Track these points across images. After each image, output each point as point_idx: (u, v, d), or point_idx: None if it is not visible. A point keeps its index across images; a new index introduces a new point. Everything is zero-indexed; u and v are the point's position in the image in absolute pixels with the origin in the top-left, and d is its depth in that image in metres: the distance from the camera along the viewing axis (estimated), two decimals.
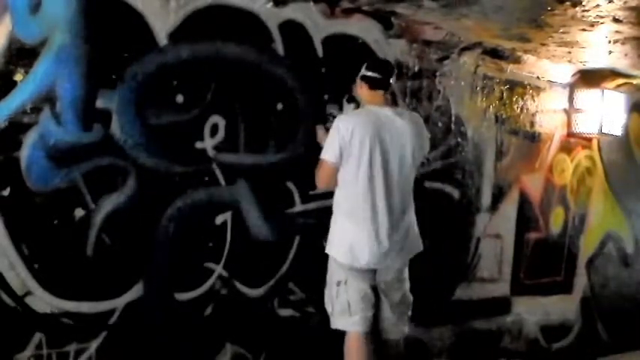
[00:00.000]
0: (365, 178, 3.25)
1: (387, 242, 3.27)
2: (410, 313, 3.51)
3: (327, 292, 3.40)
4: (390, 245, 3.28)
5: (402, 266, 3.41)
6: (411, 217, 3.41)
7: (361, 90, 3.43)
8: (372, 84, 3.36)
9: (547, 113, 5.07)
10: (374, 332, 3.38)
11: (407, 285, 3.46)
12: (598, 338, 5.68)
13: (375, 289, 3.36)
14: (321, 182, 3.41)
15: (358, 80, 3.42)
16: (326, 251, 3.38)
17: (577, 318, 5.52)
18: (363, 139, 3.23)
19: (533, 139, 5.02)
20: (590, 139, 5.45)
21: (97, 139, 3.00)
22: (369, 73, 3.36)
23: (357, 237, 3.26)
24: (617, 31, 3.99)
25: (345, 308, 3.29)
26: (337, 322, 3.35)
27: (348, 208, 3.31)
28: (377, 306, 3.37)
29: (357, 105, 3.70)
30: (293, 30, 3.62)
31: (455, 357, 4.52)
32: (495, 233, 4.82)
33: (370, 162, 3.24)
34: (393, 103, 3.68)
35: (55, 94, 2.87)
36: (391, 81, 3.41)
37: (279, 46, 3.57)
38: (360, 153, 3.23)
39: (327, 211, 3.79)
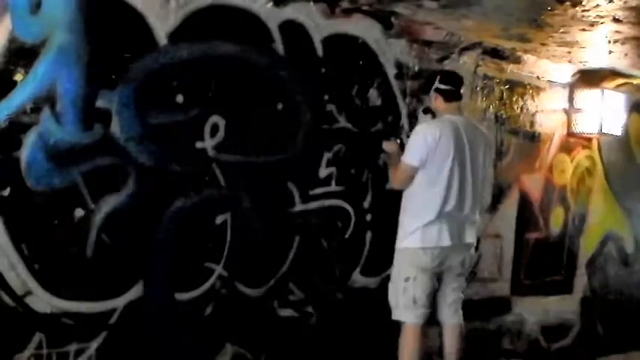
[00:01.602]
0: (444, 181, 3.51)
1: (456, 237, 3.56)
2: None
3: (391, 286, 3.63)
4: (458, 239, 3.57)
5: (468, 256, 3.70)
6: (477, 216, 3.73)
7: (437, 102, 3.72)
8: (447, 96, 3.67)
9: (547, 113, 5.08)
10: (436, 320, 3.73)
11: (467, 274, 3.82)
12: (598, 338, 5.67)
13: (439, 277, 3.64)
14: (399, 182, 3.65)
15: (433, 93, 3.71)
16: (398, 246, 3.60)
17: (577, 318, 5.52)
18: (447, 146, 3.51)
19: (533, 139, 5.02)
20: (590, 139, 5.45)
21: (97, 139, 3.00)
22: (443, 86, 3.68)
23: (432, 225, 3.51)
24: (617, 31, 3.99)
25: (411, 303, 3.53)
26: (401, 315, 3.59)
27: (423, 205, 3.54)
28: (442, 292, 3.68)
29: (434, 115, 3.81)
30: (293, 30, 3.62)
31: None
32: (495, 233, 4.82)
33: (451, 167, 3.52)
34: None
35: (55, 94, 2.86)
36: (462, 92, 3.73)
37: (279, 46, 3.57)
38: (443, 159, 3.51)
39: (327, 211, 3.81)
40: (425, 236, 3.51)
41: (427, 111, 3.92)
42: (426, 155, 3.51)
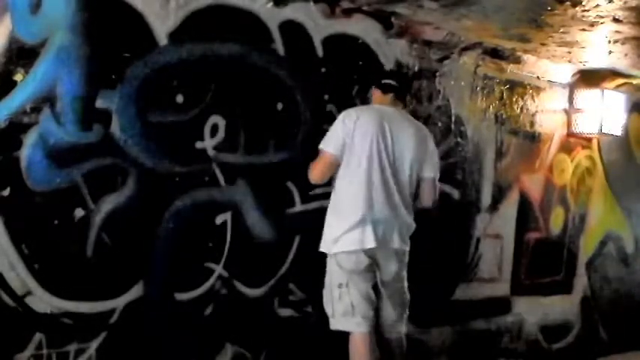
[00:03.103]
0: (364, 173, 3.28)
1: (381, 235, 3.30)
2: (407, 312, 3.52)
3: (326, 293, 3.40)
4: (386, 237, 3.32)
5: (401, 265, 3.43)
6: (409, 216, 3.43)
7: (374, 96, 3.59)
8: (385, 89, 3.52)
9: (547, 113, 5.07)
10: (376, 332, 3.41)
11: (405, 284, 3.48)
12: (598, 338, 5.67)
13: (375, 288, 3.37)
14: (316, 173, 3.41)
15: (372, 89, 3.61)
16: (321, 249, 3.39)
17: (577, 318, 5.52)
18: (366, 132, 3.28)
19: (533, 139, 5.02)
20: (590, 139, 5.45)
21: (97, 139, 3.00)
22: (384, 81, 3.56)
23: (356, 228, 3.27)
24: (617, 31, 3.99)
25: (349, 310, 3.30)
26: (339, 324, 3.36)
27: (346, 206, 3.32)
28: (377, 306, 3.39)
29: None
30: (293, 30, 3.62)
31: (455, 357, 4.52)
32: (495, 233, 4.82)
33: (370, 155, 3.28)
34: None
35: (55, 94, 2.87)
36: (405, 90, 3.63)
37: (279, 46, 3.57)
38: (362, 147, 3.28)
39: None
40: (349, 239, 3.27)
41: None
42: (343, 141, 3.28)
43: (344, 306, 3.31)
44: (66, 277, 2.96)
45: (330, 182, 3.47)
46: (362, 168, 3.29)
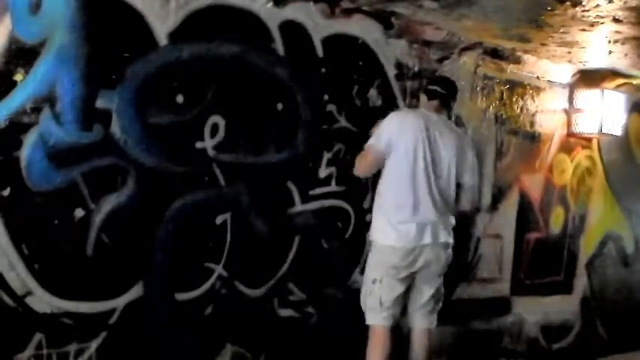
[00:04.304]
0: (409, 171, 3.39)
1: (429, 236, 3.41)
2: (440, 306, 3.63)
3: (363, 289, 3.53)
4: (432, 238, 3.42)
5: (446, 259, 3.53)
6: (450, 215, 3.54)
7: (421, 100, 3.71)
8: (430, 95, 3.62)
9: (547, 113, 5.07)
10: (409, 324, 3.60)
11: (441, 280, 3.59)
12: (598, 338, 5.68)
13: (414, 281, 3.50)
14: (363, 168, 3.56)
15: (420, 94, 3.77)
16: (369, 239, 3.52)
17: (577, 318, 5.52)
18: (411, 135, 3.39)
19: (533, 139, 5.02)
20: (590, 139, 5.45)
21: (97, 139, 3.00)
22: (430, 87, 3.66)
23: (403, 224, 3.39)
24: (617, 31, 3.99)
25: (377, 305, 3.43)
26: (367, 318, 3.49)
27: (394, 202, 3.42)
28: (415, 298, 3.53)
29: None
30: (293, 30, 3.62)
31: (455, 357, 4.52)
32: (495, 233, 4.82)
33: (415, 157, 3.39)
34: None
35: (55, 94, 2.86)
36: (450, 97, 3.66)
37: (279, 46, 3.57)
38: (406, 148, 3.38)
39: (328, 211, 3.80)
40: (396, 234, 3.39)
41: None
42: (389, 140, 3.39)
43: (373, 301, 3.44)
44: (66, 277, 2.96)
45: (330, 182, 3.48)
46: (407, 168, 3.39)
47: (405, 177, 3.39)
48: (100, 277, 3.06)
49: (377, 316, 3.44)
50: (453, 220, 3.57)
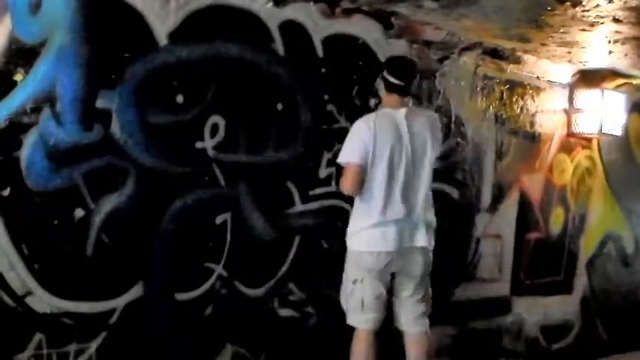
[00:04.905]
0: (384, 178, 3.30)
1: (406, 240, 3.35)
2: (430, 308, 3.58)
3: (342, 288, 3.48)
4: (409, 242, 3.37)
5: (426, 262, 3.46)
6: (430, 213, 3.47)
7: (383, 97, 3.57)
8: (388, 88, 3.46)
9: (547, 113, 5.07)
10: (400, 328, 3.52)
11: (429, 281, 3.54)
12: (598, 338, 5.67)
13: (398, 285, 3.46)
14: (349, 187, 3.38)
15: (379, 80, 3.56)
16: (347, 245, 3.43)
17: (577, 318, 5.52)
18: (383, 140, 3.30)
19: (533, 139, 5.02)
20: (590, 139, 5.45)
21: (97, 139, 3.00)
22: (386, 76, 3.45)
23: (376, 228, 3.31)
24: (617, 31, 3.99)
25: (359, 306, 3.37)
26: (349, 319, 3.44)
27: (367, 207, 3.35)
28: (402, 302, 3.48)
29: None
30: (293, 30, 3.62)
31: (455, 357, 4.51)
32: (495, 233, 4.82)
33: (389, 164, 3.31)
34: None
35: (55, 94, 2.87)
36: (409, 84, 3.45)
37: (279, 46, 3.57)
38: (381, 155, 3.29)
39: (327, 211, 3.80)
40: (369, 239, 3.32)
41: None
42: (365, 148, 3.28)
43: (355, 302, 3.38)
44: (66, 277, 2.96)
45: (330, 182, 3.48)
46: (381, 174, 3.31)
47: (380, 184, 3.31)
48: (100, 277, 3.06)
49: (359, 319, 3.40)
50: (433, 220, 3.49)
